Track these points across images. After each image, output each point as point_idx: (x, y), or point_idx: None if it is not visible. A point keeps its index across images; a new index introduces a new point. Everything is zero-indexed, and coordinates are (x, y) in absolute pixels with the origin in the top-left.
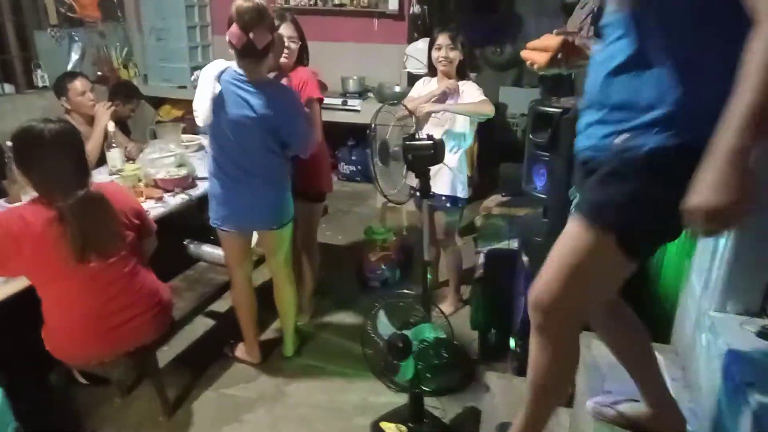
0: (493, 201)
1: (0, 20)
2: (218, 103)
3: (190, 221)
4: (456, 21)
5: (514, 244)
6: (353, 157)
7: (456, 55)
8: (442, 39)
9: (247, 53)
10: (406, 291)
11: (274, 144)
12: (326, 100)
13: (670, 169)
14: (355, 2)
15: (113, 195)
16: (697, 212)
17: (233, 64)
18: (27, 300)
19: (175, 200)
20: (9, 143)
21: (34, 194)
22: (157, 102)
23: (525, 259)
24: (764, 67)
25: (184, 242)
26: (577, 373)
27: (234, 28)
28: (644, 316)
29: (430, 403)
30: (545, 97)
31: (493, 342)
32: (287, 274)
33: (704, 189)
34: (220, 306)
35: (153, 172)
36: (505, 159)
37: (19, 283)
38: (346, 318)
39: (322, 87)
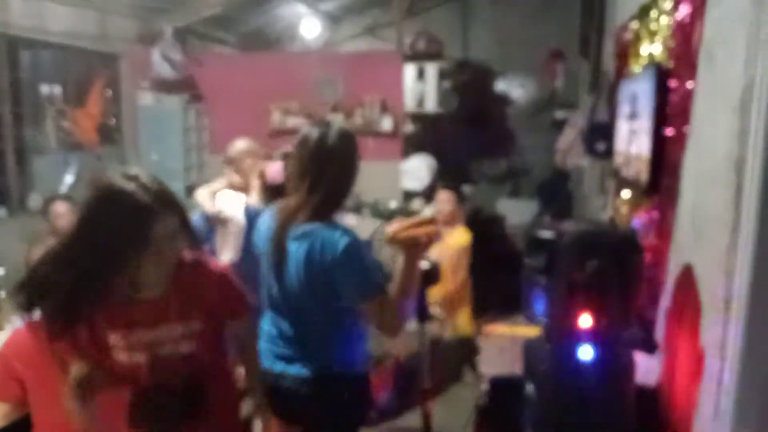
0: (493, 318)
1: (1, 146)
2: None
3: None
4: (449, 137)
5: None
6: None
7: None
8: (444, 195)
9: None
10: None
11: None
12: None
13: None
14: (349, 123)
15: None
16: None
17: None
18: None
19: None
20: None
21: (17, 323)
22: None
23: (530, 386)
24: None
25: None
26: None
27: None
28: None
29: None
30: (543, 211)
31: None
32: None
33: None
34: None
35: None
36: (505, 272)
37: None
38: None
39: None
